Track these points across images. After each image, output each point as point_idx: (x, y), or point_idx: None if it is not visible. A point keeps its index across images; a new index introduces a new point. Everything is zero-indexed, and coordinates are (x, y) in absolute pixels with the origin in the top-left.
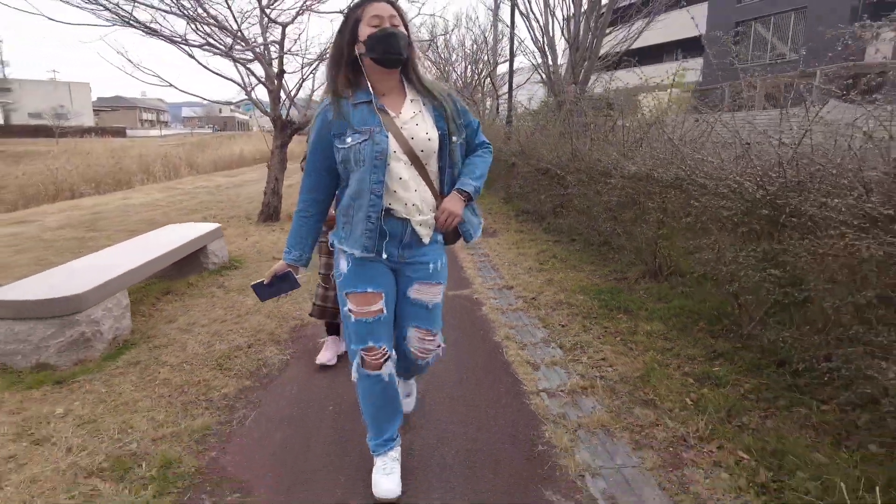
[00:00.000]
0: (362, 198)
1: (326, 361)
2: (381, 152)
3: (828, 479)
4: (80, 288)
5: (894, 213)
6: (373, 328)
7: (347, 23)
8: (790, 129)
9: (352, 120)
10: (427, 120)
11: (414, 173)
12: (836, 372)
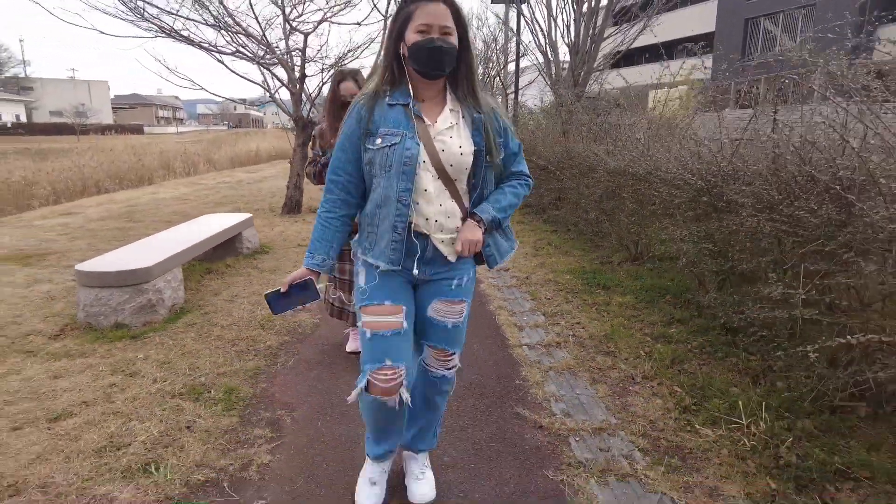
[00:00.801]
0: (388, 206)
1: (356, 349)
2: (410, 158)
3: (734, 401)
4: (147, 263)
5: (782, 198)
6: (391, 344)
7: (398, 17)
8: (754, 127)
9: (384, 121)
10: (463, 133)
11: (440, 187)
12: (746, 322)
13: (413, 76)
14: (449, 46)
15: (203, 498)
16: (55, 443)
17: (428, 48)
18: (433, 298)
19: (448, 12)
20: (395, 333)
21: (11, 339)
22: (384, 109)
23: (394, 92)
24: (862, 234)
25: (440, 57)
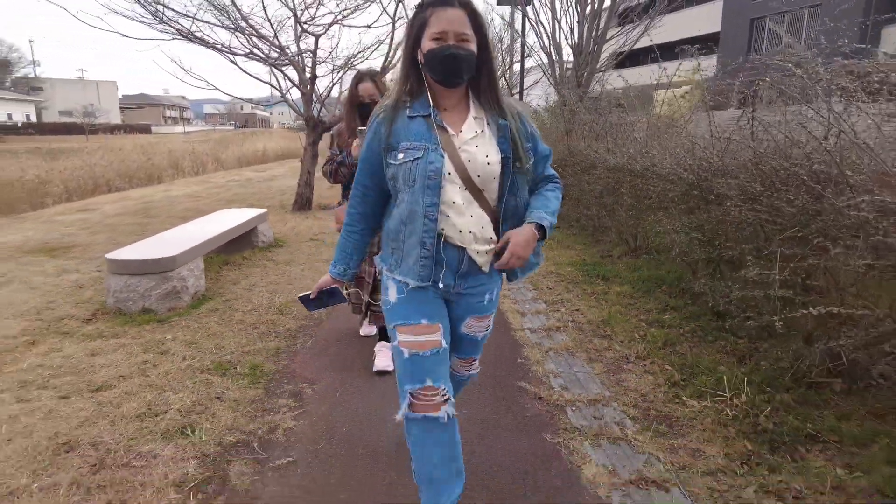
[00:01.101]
0: (415, 222)
1: (385, 367)
2: (434, 172)
3: (720, 377)
4: (173, 252)
5: (764, 190)
6: (430, 364)
7: (413, 24)
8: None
9: (406, 134)
10: (489, 141)
11: (469, 198)
12: (732, 304)
13: (432, 84)
14: (466, 53)
15: (235, 456)
16: (99, 409)
17: (443, 56)
18: (467, 315)
19: (465, 17)
20: (434, 353)
21: (48, 323)
22: (405, 122)
23: (414, 102)
24: (832, 222)
25: (457, 65)
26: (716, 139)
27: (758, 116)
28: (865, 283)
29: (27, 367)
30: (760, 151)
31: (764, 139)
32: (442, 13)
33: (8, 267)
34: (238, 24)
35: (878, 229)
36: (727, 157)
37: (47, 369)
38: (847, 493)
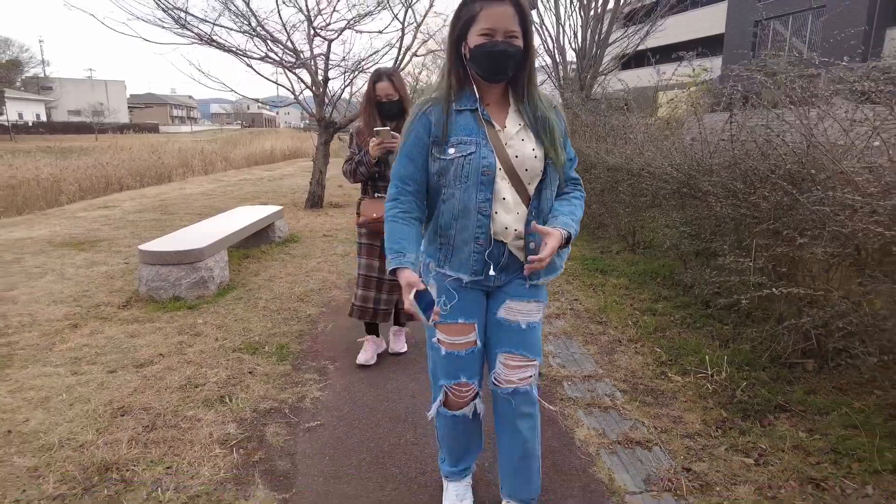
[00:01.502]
0: (468, 217)
1: (366, 362)
2: (488, 167)
3: (703, 357)
4: (201, 244)
5: (744, 187)
6: (465, 362)
7: (459, 17)
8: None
9: (454, 129)
10: (530, 136)
11: (515, 194)
12: (715, 291)
13: (475, 78)
14: (514, 50)
15: (270, 420)
16: (145, 382)
17: (493, 52)
18: (505, 298)
19: (514, 14)
20: (470, 353)
21: (86, 309)
22: (452, 115)
23: (459, 96)
24: (800, 216)
25: (505, 62)
26: (703, 141)
27: (739, 120)
28: (827, 270)
29: (75, 346)
30: (736, 153)
31: (746, 141)
32: (492, 8)
33: (41, 259)
34: (255, 30)
35: (837, 222)
36: (715, 157)
37: (93, 348)
38: (805, 451)
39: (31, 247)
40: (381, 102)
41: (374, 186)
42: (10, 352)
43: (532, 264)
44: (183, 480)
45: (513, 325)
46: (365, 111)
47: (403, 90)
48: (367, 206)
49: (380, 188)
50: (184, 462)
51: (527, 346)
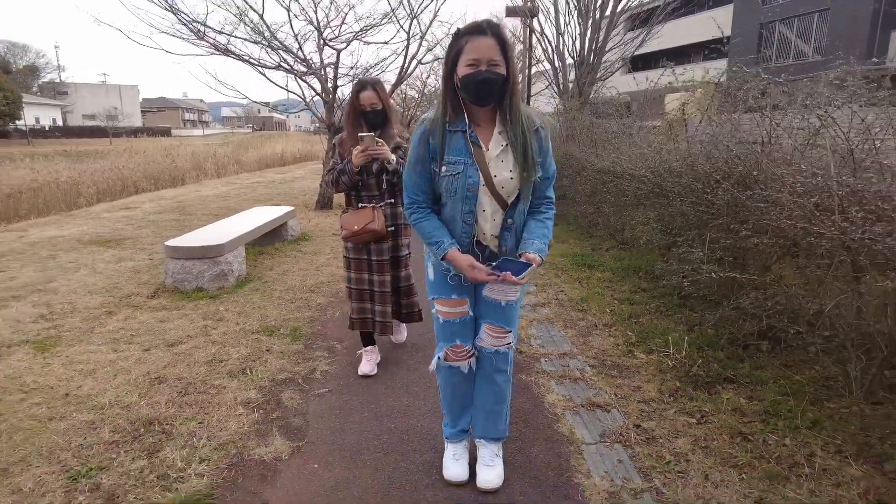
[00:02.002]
0: (455, 224)
1: (368, 372)
2: (472, 185)
3: (667, 339)
4: (222, 240)
5: (702, 187)
6: (459, 329)
7: (451, 50)
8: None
9: (447, 148)
10: (509, 158)
11: (495, 205)
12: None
13: (467, 103)
14: (497, 77)
15: (285, 388)
16: (177, 357)
17: (477, 80)
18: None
19: (496, 45)
20: (462, 321)
21: (118, 298)
22: (446, 135)
23: (454, 119)
24: (747, 212)
25: (489, 87)
26: (673, 145)
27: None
28: (767, 258)
29: (113, 329)
30: (693, 155)
31: (705, 142)
32: (475, 41)
33: (74, 256)
34: (269, 41)
35: (771, 217)
36: (674, 160)
37: (128, 331)
38: (742, 413)
39: (63, 244)
40: (365, 112)
41: (357, 196)
42: (58, 333)
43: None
44: (213, 432)
45: (495, 303)
46: (349, 121)
47: (387, 99)
48: (347, 219)
49: (363, 197)
50: (213, 419)
51: (505, 319)
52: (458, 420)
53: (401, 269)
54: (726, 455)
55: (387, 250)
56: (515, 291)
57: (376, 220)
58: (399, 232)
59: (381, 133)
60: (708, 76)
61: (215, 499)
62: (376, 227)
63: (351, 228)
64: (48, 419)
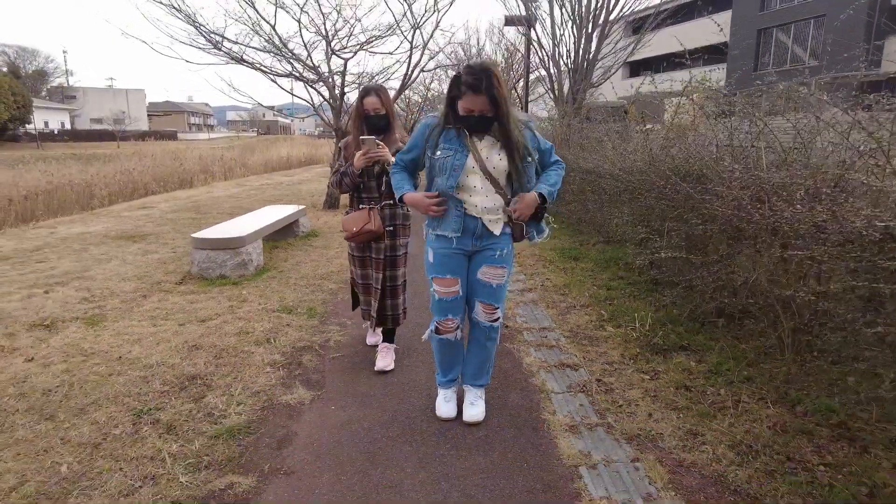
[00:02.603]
0: (444, 195)
1: (375, 343)
2: (459, 165)
3: (635, 315)
4: (243, 233)
5: (665, 184)
6: (450, 305)
7: (452, 90)
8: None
9: (444, 140)
10: (500, 148)
11: (487, 184)
12: (646, 263)
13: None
14: (490, 118)
15: (304, 353)
16: (209, 330)
17: (472, 121)
18: (482, 264)
19: (488, 101)
20: (454, 298)
21: (150, 285)
22: (445, 131)
23: (452, 121)
24: (696, 203)
25: (483, 125)
26: (647, 147)
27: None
28: (715, 243)
29: (150, 309)
30: (653, 156)
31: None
32: (472, 97)
33: (104, 249)
34: (281, 51)
35: (715, 207)
36: (649, 161)
37: (163, 310)
38: (689, 372)
39: (92, 239)
40: (369, 116)
41: (358, 197)
42: (103, 312)
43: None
44: (247, 384)
45: (486, 284)
46: (354, 125)
47: (389, 104)
48: (347, 221)
49: (364, 199)
50: (245, 375)
51: (495, 298)
52: (447, 373)
53: (397, 267)
54: (670, 401)
55: (384, 249)
56: (503, 277)
57: (372, 221)
58: (397, 232)
59: (384, 137)
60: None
61: (252, 430)
62: (372, 228)
63: (350, 230)
64: (108, 374)
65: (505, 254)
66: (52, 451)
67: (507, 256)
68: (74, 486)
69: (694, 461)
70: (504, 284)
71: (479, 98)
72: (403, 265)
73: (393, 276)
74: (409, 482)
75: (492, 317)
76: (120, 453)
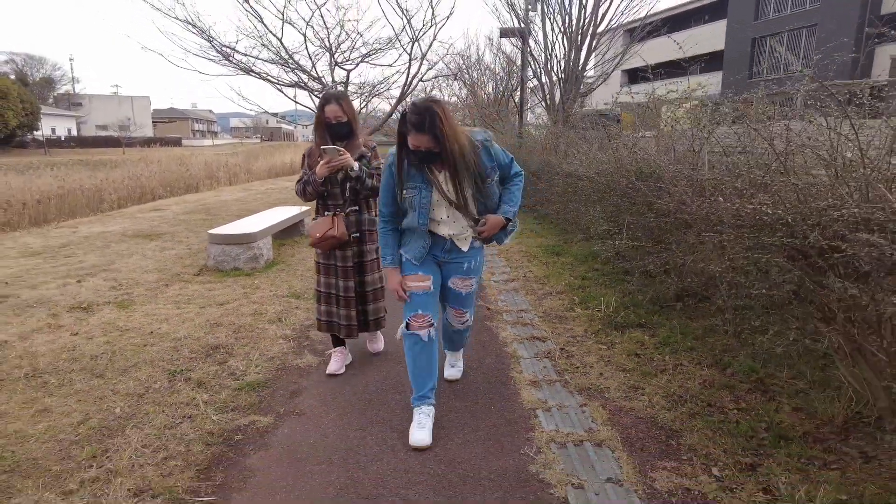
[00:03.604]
0: (415, 230)
1: (336, 371)
2: (426, 203)
3: (602, 299)
4: (254, 230)
5: (626, 183)
6: (422, 300)
7: (401, 126)
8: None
9: (408, 177)
10: (456, 175)
11: (454, 212)
12: (611, 255)
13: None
14: (435, 153)
15: (310, 329)
16: (227, 311)
17: (420, 156)
18: (452, 275)
19: (431, 139)
20: (425, 293)
21: (170, 276)
22: (406, 169)
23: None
24: (651, 199)
25: (430, 158)
26: (614, 150)
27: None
28: (667, 234)
29: (172, 295)
30: (617, 158)
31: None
32: (416, 135)
33: (124, 246)
34: (287, 62)
35: (662, 202)
36: (615, 164)
37: (185, 296)
38: (642, 343)
39: (112, 238)
40: (331, 124)
41: (324, 205)
42: (131, 298)
43: (481, 235)
44: (263, 352)
45: (456, 292)
46: (316, 133)
47: (351, 112)
48: (312, 226)
49: (329, 205)
50: (261, 345)
51: (464, 303)
52: (421, 386)
53: (366, 273)
54: (620, 364)
55: (351, 256)
56: (471, 285)
57: (336, 228)
58: (364, 238)
59: (346, 144)
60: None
61: (269, 385)
62: (336, 234)
63: (314, 235)
64: (143, 345)
65: (474, 266)
66: (106, 398)
67: (475, 268)
68: (128, 422)
69: (632, 407)
70: (472, 292)
71: (422, 136)
72: (376, 270)
73: (363, 282)
74: (397, 419)
75: (461, 319)
76: (161, 400)
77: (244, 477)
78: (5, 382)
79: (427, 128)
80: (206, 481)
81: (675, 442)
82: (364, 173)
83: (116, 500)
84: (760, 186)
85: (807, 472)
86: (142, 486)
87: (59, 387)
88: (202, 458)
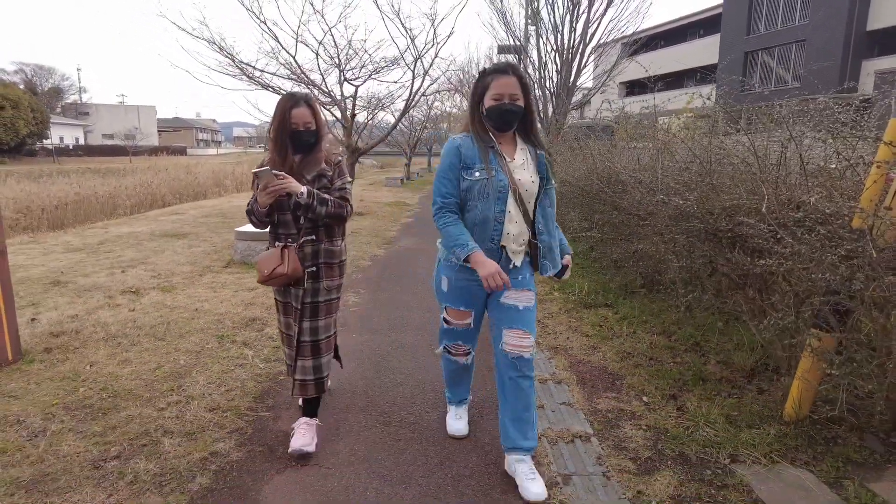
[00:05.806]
0: (486, 224)
1: (302, 447)
2: (503, 187)
3: (576, 286)
4: None
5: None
6: (461, 334)
7: (478, 85)
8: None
9: (478, 158)
10: (531, 167)
11: (517, 209)
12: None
13: (490, 128)
14: (517, 109)
15: None
16: (257, 294)
17: (500, 111)
18: (505, 289)
19: (517, 83)
20: (465, 330)
21: (201, 268)
22: (477, 149)
23: (481, 136)
24: (617, 199)
25: (509, 118)
26: (592, 158)
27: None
28: (629, 228)
29: (207, 282)
30: (590, 166)
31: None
32: (500, 79)
33: (155, 244)
34: (299, 77)
35: (624, 201)
36: (589, 170)
37: (218, 283)
38: (606, 318)
39: (142, 237)
40: (298, 131)
41: (274, 234)
42: (172, 284)
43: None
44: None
45: (512, 306)
46: (275, 143)
47: (320, 118)
48: (260, 260)
49: (280, 236)
50: None
51: (524, 322)
52: (455, 393)
53: (319, 317)
54: (585, 332)
55: (301, 296)
56: (531, 299)
57: (286, 263)
58: (320, 274)
59: (306, 157)
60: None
61: None
62: (285, 272)
63: (262, 272)
64: (191, 319)
65: (528, 278)
66: (171, 354)
67: (530, 280)
68: (192, 368)
69: (589, 360)
70: (532, 308)
71: (507, 79)
72: (331, 313)
73: (314, 329)
74: (405, 368)
75: (523, 343)
76: (216, 355)
77: (289, 404)
78: (89, 342)
79: (512, 70)
80: (261, 403)
81: (618, 382)
82: (315, 199)
83: (197, 413)
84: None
85: (713, 400)
86: (213, 405)
87: (131, 346)
88: (256, 390)
